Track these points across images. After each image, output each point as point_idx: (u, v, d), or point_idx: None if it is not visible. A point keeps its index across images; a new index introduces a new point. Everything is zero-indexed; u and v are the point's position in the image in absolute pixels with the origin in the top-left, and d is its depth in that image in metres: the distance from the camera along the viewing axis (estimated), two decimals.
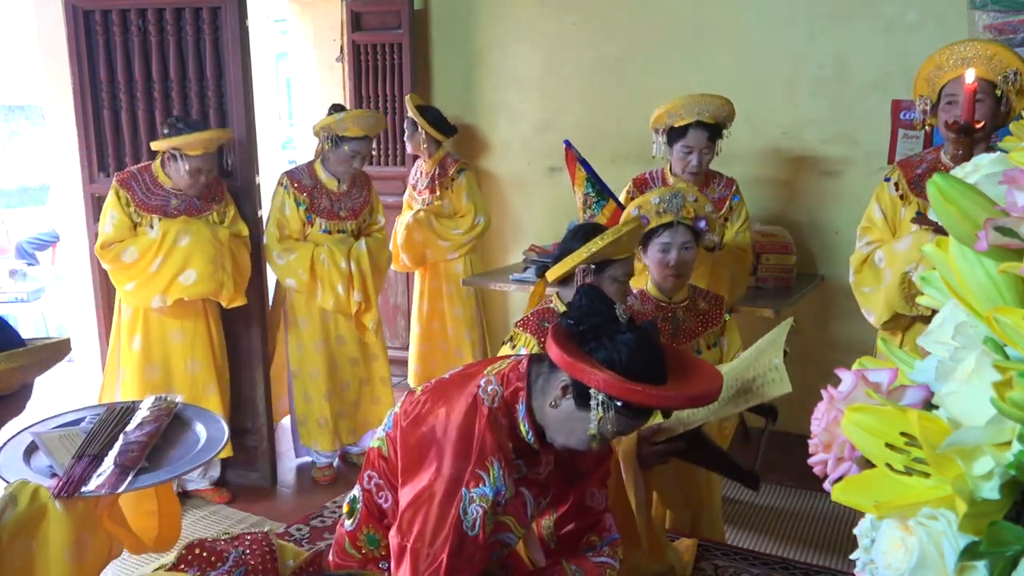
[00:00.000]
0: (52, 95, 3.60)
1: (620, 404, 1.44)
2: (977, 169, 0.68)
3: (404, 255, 4.08)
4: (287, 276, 3.41)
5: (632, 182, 3.13)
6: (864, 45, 3.53)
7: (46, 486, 1.62)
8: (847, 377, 0.68)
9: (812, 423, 0.70)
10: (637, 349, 1.45)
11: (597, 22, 4.09)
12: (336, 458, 3.65)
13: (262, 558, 1.20)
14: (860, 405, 0.64)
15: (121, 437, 1.82)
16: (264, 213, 3.42)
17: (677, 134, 2.99)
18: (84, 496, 1.63)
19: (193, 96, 3.25)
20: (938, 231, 2.08)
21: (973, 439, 0.55)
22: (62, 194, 3.99)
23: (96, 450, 1.76)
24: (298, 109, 8.34)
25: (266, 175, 3.50)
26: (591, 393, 1.45)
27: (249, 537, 1.23)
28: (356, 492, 1.77)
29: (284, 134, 9.51)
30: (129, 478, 1.69)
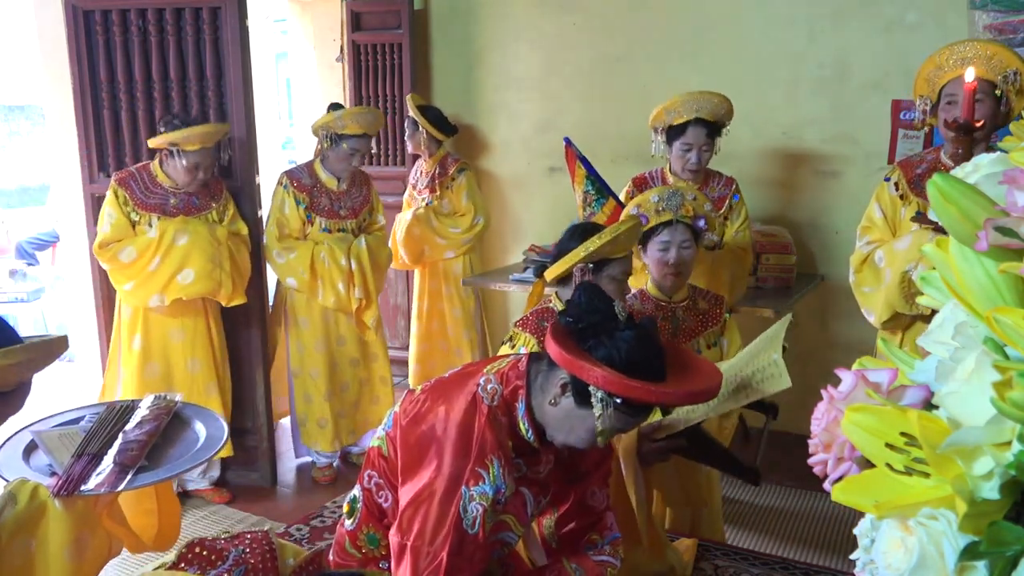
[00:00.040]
0: (52, 95, 3.59)
1: (619, 401, 1.44)
2: (977, 169, 0.68)
3: (403, 251, 4.08)
4: (288, 275, 3.41)
5: (632, 181, 3.13)
6: (864, 45, 3.52)
7: (45, 484, 1.62)
8: (847, 377, 0.68)
9: (812, 423, 0.70)
10: (636, 346, 1.45)
11: (597, 22, 4.09)
12: (336, 458, 3.65)
13: (262, 557, 1.21)
14: (860, 405, 0.64)
15: (120, 436, 1.82)
16: (264, 213, 3.42)
17: (676, 132, 2.99)
18: (83, 495, 1.63)
19: (193, 96, 3.26)
20: (938, 230, 2.08)
21: (973, 439, 0.55)
22: (62, 194, 3.98)
23: (95, 449, 1.76)
24: (298, 109, 8.34)
25: (266, 175, 3.50)
26: (590, 390, 1.45)
27: (249, 536, 1.23)
28: (356, 492, 1.77)
29: (284, 134, 9.51)
30: (128, 477, 1.69)
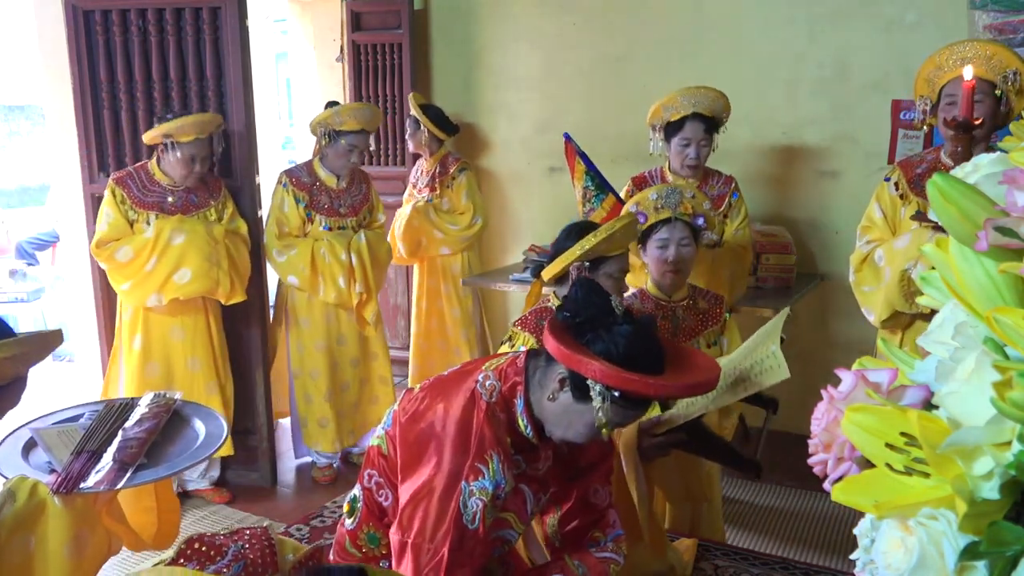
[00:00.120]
0: (52, 95, 3.59)
1: (617, 394, 1.44)
2: (977, 169, 0.68)
3: (400, 244, 4.06)
4: (289, 273, 3.40)
5: (631, 181, 3.13)
6: (864, 45, 3.52)
7: (45, 482, 1.62)
8: (847, 377, 0.68)
9: (812, 423, 0.70)
10: (634, 340, 1.45)
11: (597, 22, 4.09)
12: (337, 459, 3.65)
13: (261, 552, 1.20)
14: (860, 405, 0.64)
15: (120, 433, 1.82)
16: (264, 213, 3.42)
17: (674, 128, 3.01)
18: (83, 492, 1.63)
19: (193, 96, 3.26)
20: (938, 229, 2.09)
21: (973, 439, 0.55)
22: (62, 194, 3.98)
23: (95, 446, 1.76)
24: (298, 109, 8.34)
25: (266, 175, 3.50)
26: (588, 384, 1.45)
27: (248, 532, 1.23)
28: (356, 491, 1.77)
29: (284, 134, 9.51)
30: (128, 474, 1.69)
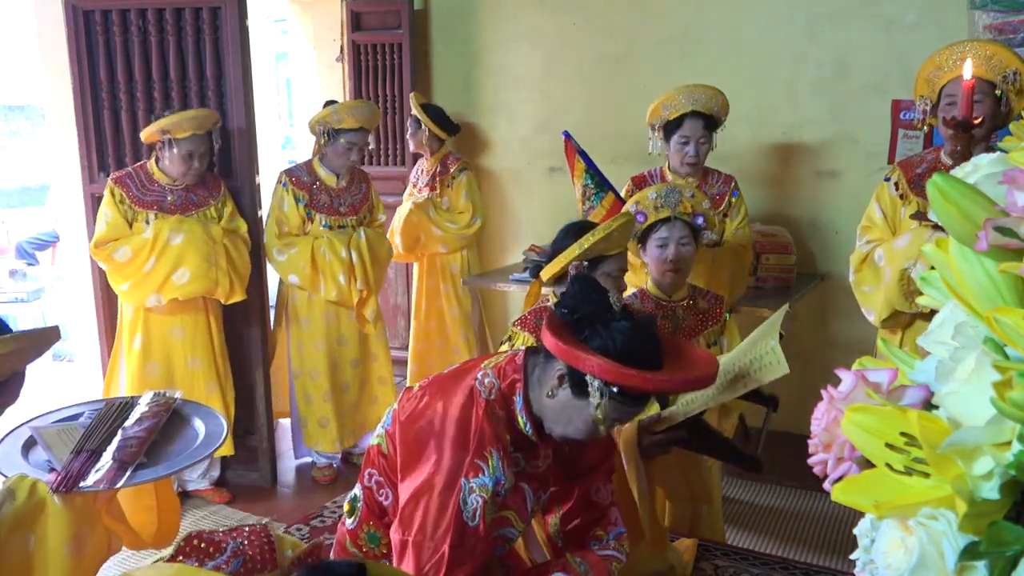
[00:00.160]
0: (52, 95, 3.59)
1: (616, 390, 1.44)
2: (977, 169, 0.68)
3: (398, 239, 4.04)
4: (289, 272, 3.40)
5: (631, 180, 3.14)
6: (864, 45, 3.52)
7: (44, 481, 1.62)
8: (847, 377, 0.68)
9: (812, 423, 0.70)
10: (632, 335, 1.45)
11: (597, 22, 4.09)
12: (337, 459, 3.65)
13: (260, 548, 1.21)
14: (860, 405, 0.64)
15: (119, 432, 1.82)
16: (264, 213, 3.42)
17: (673, 126, 3.01)
18: (82, 491, 1.63)
19: (193, 96, 3.25)
20: (937, 228, 2.09)
21: (973, 439, 0.55)
22: (62, 194, 3.98)
23: (94, 445, 1.76)
24: (298, 109, 8.34)
25: (266, 175, 3.50)
26: (587, 380, 1.45)
27: (248, 528, 1.24)
28: (357, 491, 1.77)
29: (284, 134, 9.51)
30: (127, 473, 1.69)
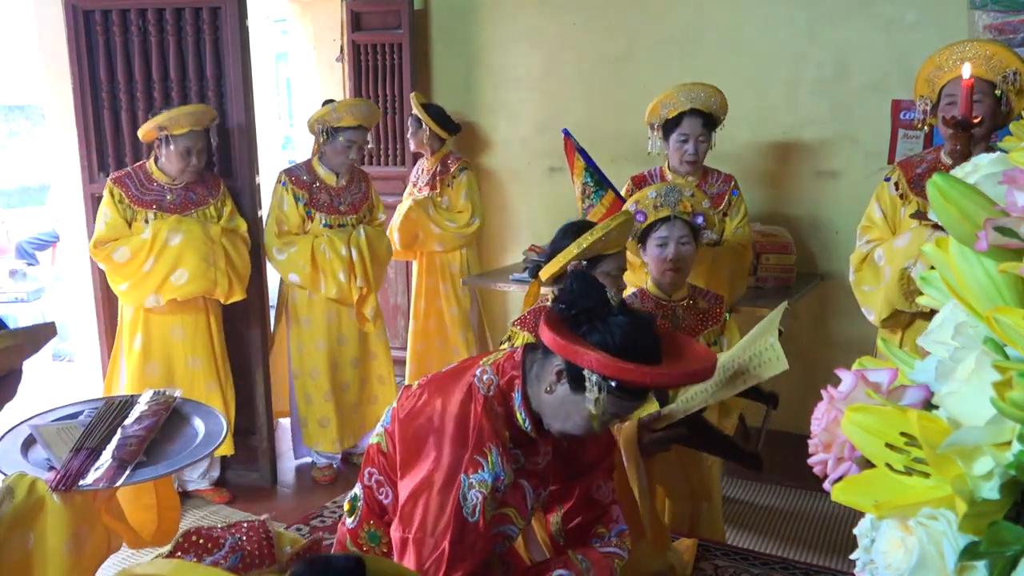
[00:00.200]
0: (52, 95, 3.59)
1: (614, 384, 1.44)
2: (977, 169, 0.68)
3: (396, 236, 4.03)
4: (290, 271, 3.40)
5: (631, 180, 3.14)
6: (864, 45, 3.52)
7: (44, 479, 1.62)
8: (847, 377, 0.68)
9: (812, 423, 0.70)
10: (630, 330, 1.45)
11: (597, 22, 4.09)
12: (337, 459, 3.65)
13: (259, 544, 1.21)
14: (860, 405, 0.64)
15: (119, 431, 1.82)
16: (264, 213, 3.42)
17: (672, 124, 3.02)
18: (82, 490, 1.63)
19: (193, 96, 3.25)
20: (937, 227, 2.08)
21: (973, 439, 0.55)
22: (62, 194, 3.98)
23: (94, 444, 1.76)
24: (298, 109, 8.35)
25: (266, 175, 3.50)
26: (585, 374, 1.45)
27: (246, 524, 1.24)
28: (357, 490, 1.77)
29: (284, 134, 9.52)
30: (127, 472, 1.69)
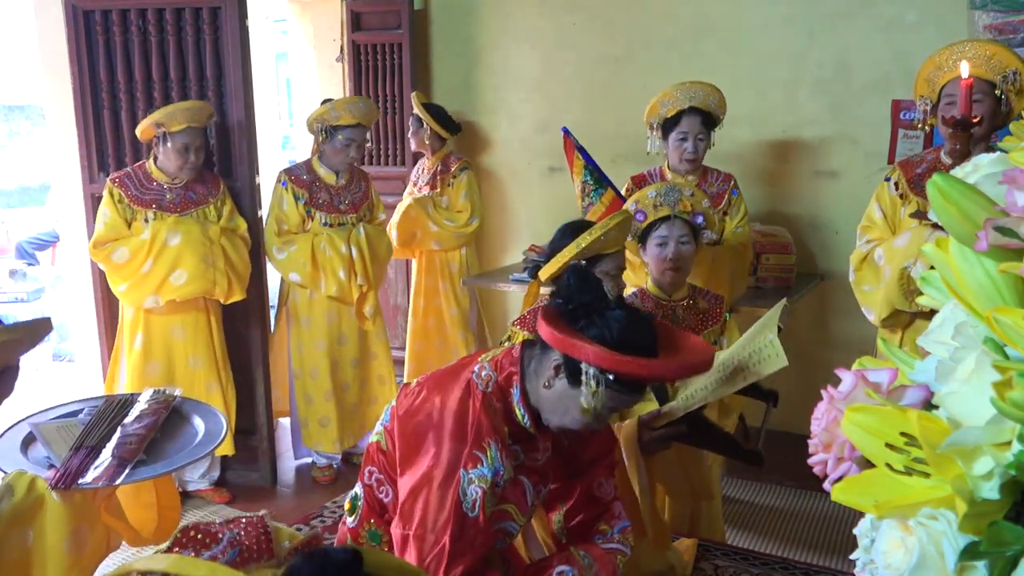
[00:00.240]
0: (52, 95, 3.59)
1: (612, 378, 1.44)
2: (977, 169, 0.68)
3: (394, 233, 4.02)
4: (290, 270, 3.39)
5: (631, 180, 3.14)
6: (864, 45, 3.52)
7: (43, 477, 1.62)
8: (847, 377, 0.68)
9: (812, 423, 0.70)
10: (628, 323, 1.46)
11: (597, 22, 4.09)
12: (337, 459, 3.65)
13: (257, 539, 1.21)
14: (860, 405, 0.64)
15: (119, 429, 1.82)
16: (264, 213, 3.42)
17: (671, 123, 3.02)
18: (81, 488, 1.63)
19: (193, 96, 3.25)
20: (936, 227, 2.09)
21: (973, 439, 0.55)
22: (62, 194, 3.98)
23: (94, 442, 1.76)
24: (298, 109, 8.35)
25: (266, 175, 3.50)
26: (582, 368, 1.45)
27: (244, 519, 1.24)
28: (357, 489, 1.77)
29: (284, 134, 9.52)
30: (127, 471, 1.69)
